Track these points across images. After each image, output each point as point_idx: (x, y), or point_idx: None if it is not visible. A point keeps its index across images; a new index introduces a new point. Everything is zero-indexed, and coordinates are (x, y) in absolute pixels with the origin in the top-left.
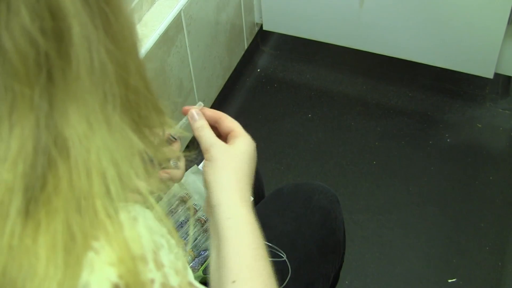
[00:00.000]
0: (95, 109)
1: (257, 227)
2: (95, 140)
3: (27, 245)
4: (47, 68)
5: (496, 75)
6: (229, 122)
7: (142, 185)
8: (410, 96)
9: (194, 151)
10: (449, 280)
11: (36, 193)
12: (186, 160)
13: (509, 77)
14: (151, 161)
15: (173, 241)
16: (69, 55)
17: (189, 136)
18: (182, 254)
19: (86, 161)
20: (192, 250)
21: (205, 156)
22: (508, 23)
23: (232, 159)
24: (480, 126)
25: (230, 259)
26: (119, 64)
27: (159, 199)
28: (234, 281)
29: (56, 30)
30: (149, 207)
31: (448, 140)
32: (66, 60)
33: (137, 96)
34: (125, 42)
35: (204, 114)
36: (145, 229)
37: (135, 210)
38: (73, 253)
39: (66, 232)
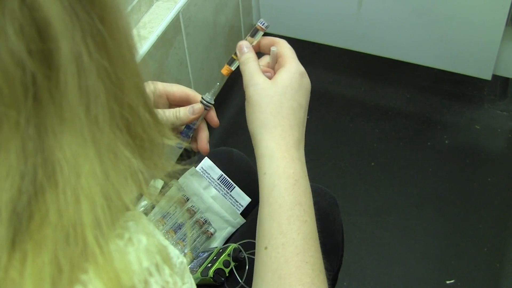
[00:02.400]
0: (84, 132)
1: (297, 181)
2: (85, 164)
3: (13, 278)
4: (34, 90)
5: (494, 76)
6: (280, 47)
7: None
8: (408, 98)
9: (194, 162)
10: (447, 282)
11: (22, 222)
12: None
13: (507, 78)
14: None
15: (175, 253)
16: (57, 77)
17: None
18: (185, 263)
19: (75, 188)
20: (190, 252)
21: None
22: (506, 24)
23: (270, 99)
24: (478, 127)
25: (264, 222)
26: (114, 82)
27: (156, 201)
28: (266, 248)
29: (44, 51)
30: (147, 212)
31: (446, 141)
32: (54, 81)
33: (133, 114)
34: (122, 60)
35: (260, 43)
36: (138, 255)
37: (129, 231)
38: (60, 287)
39: (53, 264)
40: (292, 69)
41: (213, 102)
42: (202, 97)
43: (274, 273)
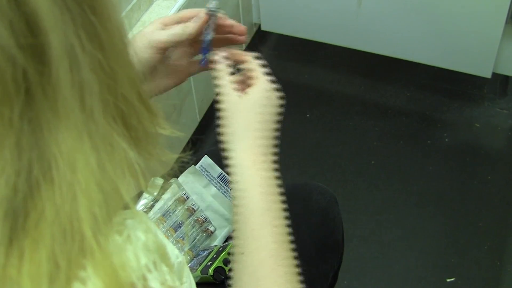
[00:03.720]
0: (79, 125)
1: (267, 189)
2: (81, 158)
3: (11, 275)
4: (26, 85)
5: (494, 74)
6: (250, 64)
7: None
8: (408, 96)
9: (189, 152)
10: (448, 280)
11: (19, 219)
12: (182, 162)
13: (507, 76)
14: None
15: (174, 252)
16: (49, 71)
17: (185, 136)
18: (184, 261)
19: (71, 183)
20: (190, 250)
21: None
22: (506, 22)
23: (240, 113)
24: (478, 125)
25: (238, 228)
26: (108, 73)
27: (156, 200)
28: (241, 253)
29: (35, 46)
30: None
31: (446, 139)
32: (46, 76)
33: (127, 104)
34: (114, 50)
35: (231, 55)
36: (137, 252)
37: (127, 229)
38: (58, 284)
39: (51, 261)
40: (260, 87)
41: (218, 6)
42: (206, 6)
43: (250, 276)
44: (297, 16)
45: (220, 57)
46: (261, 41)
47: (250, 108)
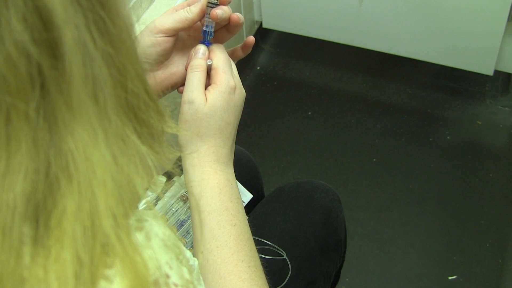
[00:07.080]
0: (93, 120)
1: (221, 190)
2: (97, 153)
3: (39, 276)
4: (41, 80)
5: (496, 72)
6: (215, 59)
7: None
8: (410, 94)
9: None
10: (449, 277)
11: (41, 217)
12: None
13: (509, 74)
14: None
15: (183, 248)
16: (63, 66)
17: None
18: (197, 265)
19: (89, 179)
20: (192, 248)
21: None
22: (508, 20)
23: (200, 122)
24: (480, 123)
25: (197, 229)
26: (117, 68)
27: (159, 198)
28: (202, 252)
29: (48, 40)
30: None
31: (448, 137)
32: (60, 71)
33: (137, 100)
34: (123, 46)
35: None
36: (157, 249)
37: (148, 225)
38: (83, 282)
39: (75, 259)
40: (221, 87)
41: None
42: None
43: (214, 274)
44: (299, 14)
45: (203, 53)
46: (262, 39)
47: (210, 115)
